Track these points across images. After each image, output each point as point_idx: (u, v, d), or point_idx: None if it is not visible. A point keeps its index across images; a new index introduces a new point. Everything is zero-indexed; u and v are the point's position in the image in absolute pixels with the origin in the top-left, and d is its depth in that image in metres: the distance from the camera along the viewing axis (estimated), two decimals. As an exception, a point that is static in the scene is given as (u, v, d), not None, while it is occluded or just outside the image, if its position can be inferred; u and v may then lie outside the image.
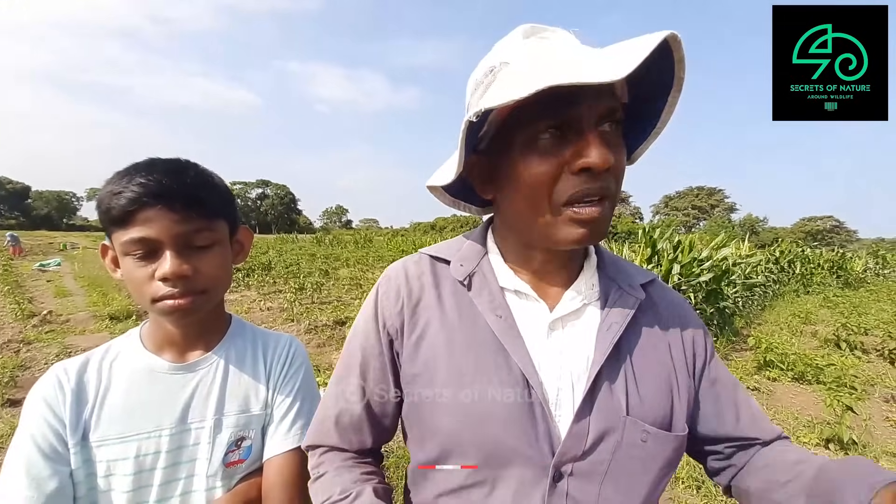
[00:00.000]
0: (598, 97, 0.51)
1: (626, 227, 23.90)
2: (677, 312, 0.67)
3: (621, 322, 0.60)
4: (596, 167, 0.50)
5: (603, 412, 0.56)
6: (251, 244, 0.85)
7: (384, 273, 0.70)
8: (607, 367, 0.58)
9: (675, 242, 6.39)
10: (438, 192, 0.69)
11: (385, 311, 0.65)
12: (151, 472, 0.70)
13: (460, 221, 73.69)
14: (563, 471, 0.55)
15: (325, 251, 22.02)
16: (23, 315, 6.49)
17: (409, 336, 0.63)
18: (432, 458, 0.61)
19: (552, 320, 0.61)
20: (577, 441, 0.55)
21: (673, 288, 0.71)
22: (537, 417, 0.56)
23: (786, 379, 4.66)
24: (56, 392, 0.69)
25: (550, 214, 0.55)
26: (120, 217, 0.65)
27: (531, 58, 0.54)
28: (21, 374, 4.19)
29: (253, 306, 7.68)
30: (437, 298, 0.64)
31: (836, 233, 75.20)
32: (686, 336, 0.65)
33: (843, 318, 7.35)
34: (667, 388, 0.60)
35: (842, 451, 3.16)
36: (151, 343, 0.77)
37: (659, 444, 0.57)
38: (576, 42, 0.56)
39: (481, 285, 0.63)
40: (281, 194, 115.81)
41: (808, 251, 15.78)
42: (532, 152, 0.53)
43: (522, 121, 0.54)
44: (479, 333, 0.60)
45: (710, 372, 0.66)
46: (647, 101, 0.57)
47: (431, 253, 0.69)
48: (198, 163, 0.74)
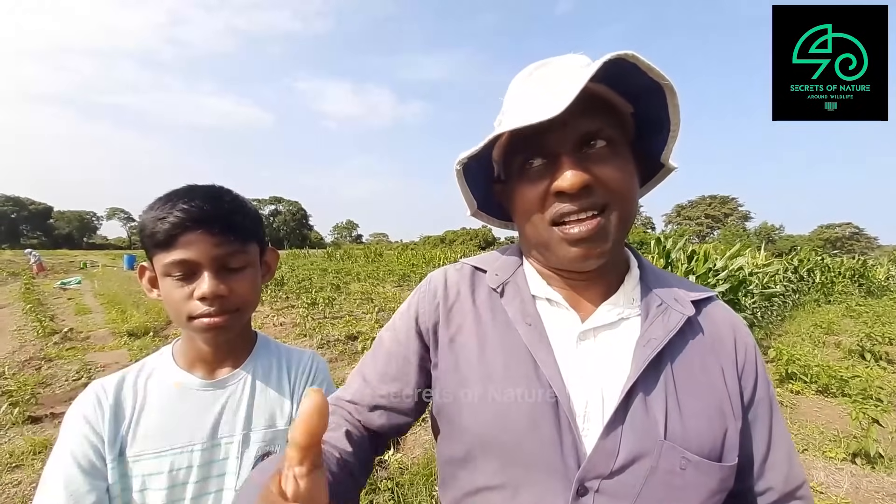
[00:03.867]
0: (566, 125, 0.54)
1: (638, 237, 23.69)
2: (734, 334, 0.64)
3: (662, 338, 0.58)
4: (566, 189, 0.53)
5: (637, 432, 0.54)
6: (277, 265, 0.89)
7: (427, 277, 0.73)
8: (644, 384, 0.56)
9: (689, 252, 6.31)
10: (485, 217, 0.74)
11: (421, 308, 0.68)
12: (184, 486, 0.72)
13: (469, 235, 73.78)
14: (589, 486, 0.54)
15: (336, 266, 22.19)
16: (44, 332, 6.64)
17: (443, 336, 0.65)
18: (458, 457, 0.62)
19: (582, 331, 0.60)
20: (604, 458, 0.54)
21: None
22: (563, 428, 0.55)
23: (809, 392, 4.53)
24: (95, 409, 0.72)
25: (546, 234, 0.59)
26: (164, 240, 0.69)
27: (514, 102, 0.62)
28: (42, 391, 4.27)
29: (266, 321, 7.75)
30: (472, 304, 0.66)
31: (855, 240, 73.31)
32: (739, 359, 0.62)
33: (866, 327, 7.13)
34: (716, 414, 0.57)
35: (868, 466, 3.05)
36: (183, 360, 0.80)
37: (701, 473, 0.54)
38: (581, 63, 0.58)
39: (513, 293, 0.65)
40: (293, 210, 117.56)
41: (827, 259, 15.41)
42: (524, 180, 0.59)
43: (515, 153, 0.60)
44: (510, 340, 0.61)
45: (756, 407, 0.62)
46: (653, 105, 0.57)
47: (472, 263, 0.72)
48: (231, 189, 0.78)
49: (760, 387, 0.63)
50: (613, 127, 0.57)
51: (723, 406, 0.58)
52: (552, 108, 0.48)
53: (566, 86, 0.50)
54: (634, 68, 0.50)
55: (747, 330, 0.67)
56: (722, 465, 0.55)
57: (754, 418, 0.62)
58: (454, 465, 0.63)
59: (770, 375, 0.66)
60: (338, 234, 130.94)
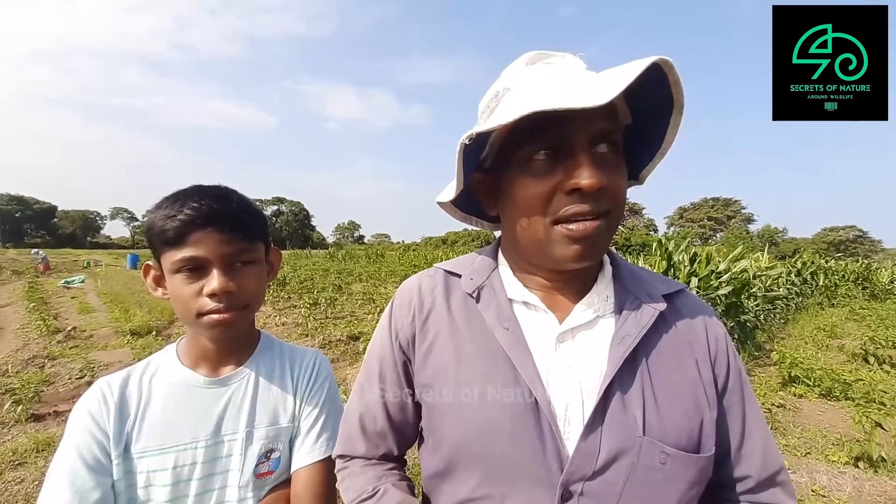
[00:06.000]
0: (590, 120, 0.52)
1: (641, 239, 23.55)
2: (705, 324, 0.64)
3: (635, 334, 0.58)
4: (586, 188, 0.51)
5: (615, 430, 0.54)
6: (280, 264, 0.90)
7: (400, 286, 0.72)
8: (620, 382, 0.56)
9: (692, 255, 6.30)
10: (448, 207, 0.70)
11: (398, 323, 0.68)
12: (188, 482, 0.73)
13: (471, 235, 73.69)
14: (573, 490, 0.53)
15: (338, 266, 22.20)
16: (48, 331, 6.68)
17: (420, 346, 0.65)
18: (440, 470, 0.61)
19: (560, 332, 0.60)
20: (586, 459, 0.53)
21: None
22: (545, 433, 0.55)
23: (812, 395, 4.50)
24: (101, 406, 0.73)
25: (545, 232, 0.56)
26: (174, 238, 0.70)
27: (529, 83, 0.57)
28: (45, 389, 4.28)
29: (269, 321, 7.77)
30: (447, 311, 0.65)
31: (859, 243, 72.89)
32: (711, 349, 0.63)
33: (870, 331, 7.10)
34: (692, 406, 0.58)
35: (871, 470, 3.04)
36: (188, 358, 0.81)
37: (680, 466, 0.54)
38: (581, 66, 0.58)
39: (489, 298, 0.64)
40: (295, 211, 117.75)
41: (831, 262, 15.33)
42: (527, 172, 0.56)
43: (519, 142, 0.56)
44: (487, 345, 0.60)
45: (730, 395, 0.63)
46: (652, 121, 0.58)
47: (445, 267, 0.71)
48: (236, 189, 0.79)
49: (732, 376, 0.63)
50: (619, 132, 0.57)
51: (698, 397, 0.58)
52: (594, 97, 0.45)
53: (600, 79, 0.49)
54: (655, 81, 0.50)
55: (718, 321, 0.67)
56: (700, 455, 0.56)
57: (728, 406, 0.62)
58: (437, 479, 0.63)
59: (741, 364, 0.66)
60: (340, 234, 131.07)
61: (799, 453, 3.32)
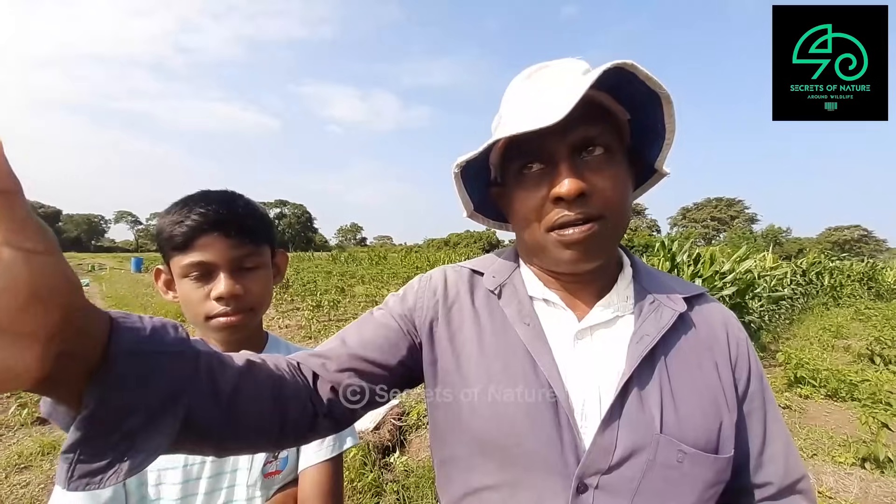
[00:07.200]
0: (566, 130, 0.54)
1: (643, 239, 23.54)
2: (725, 328, 0.65)
3: (654, 334, 0.59)
4: (565, 196, 0.54)
5: (633, 427, 0.55)
6: (286, 266, 0.91)
7: (424, 274, 0.73)
8: (638, 380, 0.57)
9: (695, 255, 6.29)
10: (480, 218, 0.75)
11: (420, 300, 0.67)
12: (197, 481, 0.74)
13: (473, 237, 73.77)
14: (588, 483, 0.54)
15: (340, 268, 22.27)
16: (54, 334, 6.71)
17: (442, 335, 0.65)
18: (455, 457, 0.62)
19: (579, 329, 0.61)
20: (602, 454, 0.54)
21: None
22: (562, 426, 0.56)
23: (818, 396, 4.48)
24: None
25: (542, 239, 0.59)
26: (182, 243, 0.72)
27: (513, 105, 0.61)
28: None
29: (272, 324, 7.79)
30: (471, 305, 0.66)
31: (864, 242, 72.54)
32: (732, 353, 0.63)
33: (876, 331, 7.06)
34: (711, 407, 0.58)
35: (878, 470, 3.02)
36: None
37: (697, 465, 0.55)
38: (580, 69, 0.58)
39: (511, 295, 0.66)
40: (298, 213, 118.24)
41: (836, 262, 15.25)
42: (521, 186, 0.59)
43: (512, 158, 0.60)
44: (508, 340, 0.62)
45: (751, 400, 0.62)
46: (650, 114, 0.58)
47: (469, 265, 0.73)
48: (242, 194, 0.81)
49: (754, 380, 0.63)
50: (610, 133, 0.57)
51: (717, 399, 0.59)
52: (551, 115, 0.49)
53: (565, 92, 0.51)
54: (634, 77, 0.51)
55: (739, 324, 0.68)
56: (718, 456, 0.56)
57: (749, 412, 0.62)
58: (451, 466, 0.63)
59: (762, 369, 0.66)
60: (342, 236, 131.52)
61: (805, 454, 3.30)
